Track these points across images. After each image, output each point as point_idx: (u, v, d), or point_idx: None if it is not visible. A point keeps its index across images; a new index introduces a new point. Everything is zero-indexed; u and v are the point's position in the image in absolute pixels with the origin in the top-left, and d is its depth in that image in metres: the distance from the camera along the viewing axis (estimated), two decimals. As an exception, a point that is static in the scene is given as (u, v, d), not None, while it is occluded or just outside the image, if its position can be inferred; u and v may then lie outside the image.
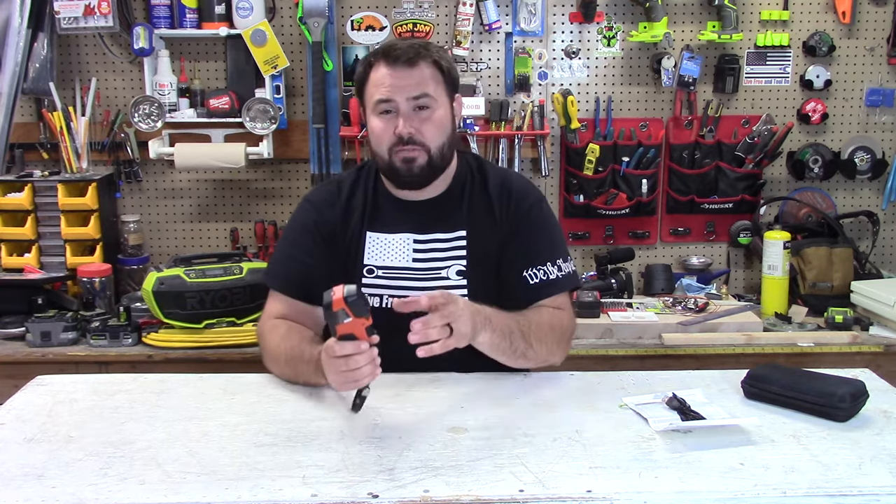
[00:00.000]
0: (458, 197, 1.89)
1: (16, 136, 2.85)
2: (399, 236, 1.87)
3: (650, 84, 2.98)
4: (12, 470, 1.33)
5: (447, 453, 1.38)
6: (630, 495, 1.25)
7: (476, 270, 1.85)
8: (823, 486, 1.27)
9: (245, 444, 1.42)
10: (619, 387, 1.69)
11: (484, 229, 1.86)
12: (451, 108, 1.84)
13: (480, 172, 1.93)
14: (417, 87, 1.76)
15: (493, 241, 1.86)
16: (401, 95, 1.76)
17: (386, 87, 1.76)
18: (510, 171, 2.36)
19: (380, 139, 1.80)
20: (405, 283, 1.84)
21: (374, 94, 1.78)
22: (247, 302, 2.52)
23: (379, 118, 1.79)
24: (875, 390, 1.61)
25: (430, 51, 1.80)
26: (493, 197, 1.89)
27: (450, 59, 1.87)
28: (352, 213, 1.89)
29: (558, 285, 1.86)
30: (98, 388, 1.69)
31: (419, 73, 1.77)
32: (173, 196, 3.03)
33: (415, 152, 1.78)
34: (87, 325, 2.48)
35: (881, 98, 3.00)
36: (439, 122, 1.80)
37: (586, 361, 2.44)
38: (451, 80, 1.84)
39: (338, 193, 1.91)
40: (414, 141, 1.77)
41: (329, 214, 1.89)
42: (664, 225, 3.07)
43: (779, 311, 2.71)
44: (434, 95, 1.79)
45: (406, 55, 1.77)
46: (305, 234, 1.89)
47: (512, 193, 1.89)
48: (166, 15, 2.80)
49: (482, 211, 1.88)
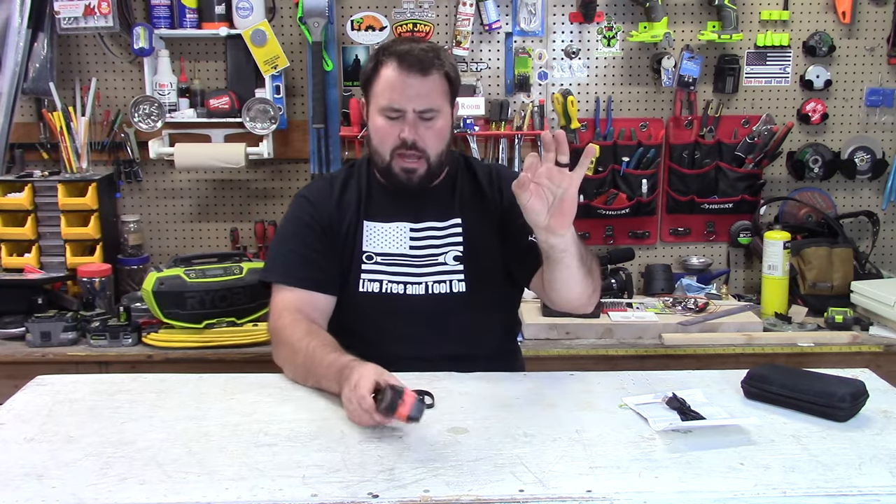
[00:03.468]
0: (449, 189, 1.93)
1: (16, 136, 2.85)
2: (395, 225, 1.89)
3: (650, 84, 2.98)
4: (12, 470, 1.32)
5: (447, 453, 1.38)
6: (630, 495, 1.25)
7: (473, 256, 1.87)
8: (823, 486, 1.27)
9: (245, 444, 1.41)
10: (619, 387, 1.69)
11: (478, 216, 1.90)
12: (451, 115, 1.88)
13: (467, 165, 1.98)
14: (426, 101, 1.79)
15: (488, 225, 1.90)
16: (410, 105, 1.78)
17: (397, 94, 1.78)
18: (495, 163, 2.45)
19: (383, 140, 1.82)
20: (403, 269, 1.86)
21: (383, 97, 1.80)
22: (247, 302, 2.52)
23: (384, 119, 1.81)
24: (875, 390, 1.61)
25: (441, 60, 1.82)
26: (484, 185, 1.93)
27: (455, 64, 1.91)
28: (347, 205, 1.91)
29: None
30: (98, 388, 1.69)
31: (430, 83, 1.79)
32: (173, 196, 3.03)
33: (415, 162, 1.81)
34: (87, 325, 2.48)
35: (881, 98, 3.00)
36: (441, 132, 1.83)
37: (586, 361, 2.44)
38: (455, 89, 1.88)
39: (330, 188, 1.93)
40: (416, 147, 1.80)
41: (325, 207, 1.90)
42: (664, 225, 3.07)
43: (779, 311, 2.71)
44: (440, 108, 1.82)
45: (421, 64, 1.78)
46: (304, 227, 1.89)
47: (501, 178, 1.93)
48: (166, 15, 2.80)
49: (474, 200, 1.92)
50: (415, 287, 1.85)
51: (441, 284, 1.86)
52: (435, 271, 1.86)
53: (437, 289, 1.85)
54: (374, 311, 1.85)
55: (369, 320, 1.86)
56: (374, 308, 1.85)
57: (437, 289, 1.85)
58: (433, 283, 1.85)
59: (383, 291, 1.84)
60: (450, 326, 1.85)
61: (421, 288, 1.85)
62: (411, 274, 1.86)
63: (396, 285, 1.85)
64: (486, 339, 1.92)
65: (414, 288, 1.85)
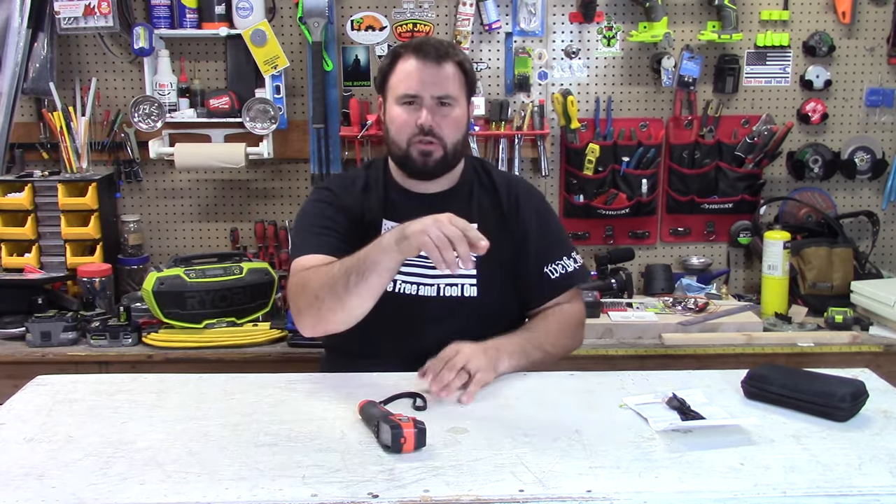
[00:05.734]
0: (466, 195, 1.96)
1: (16, 136, 2.85)
2: None
3: (650, 84, 2.98)
4: (12, 470, 1.32)
5: (447, 453, 1.38)
6: (630, 495, 1.25)
7: (486, 265, 1.88)
8: (823, 486, 1.27)
9: (245, 444, 1.42)
10: (619, 387, 1.69)
11: (494, 227, 1.90)
12: (467, 110, 1.92)
13: (486, 172, 2.01)
14: (443, 87, 1.84)
15: (504, 240, 1.92)
16: (426, 91, 1.83)
17: (414, 81, 1.83)
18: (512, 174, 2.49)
19: (401, 128, 1.85)
20: (417, 271, 1.88)
21: (401, 86, 1.85)
22: (247, 302, 2.53)
23: (402, 108, 1.85)
24: (875, 390, 1.61)
25: (456, 51, 1.89)
26: (502, 196, 1.97)
27: (470, 61, 1.95)
28: (369, 201, 1.93)
29: (577, 277, 1.97)
30: (98, 388, 1.69)
31: (446, 71, 1.85)
32: (173, 196, 3.03)
33: (432, 146, 1.84)
34: (87, 325, 2.48)
35: (881, 98, 3.00)
36: (457, 121, 1.87)
37: (586, 361, 2.44)
38: (470, 83, 1.91)
39: (353, 185, 1.96)
40: (433, 133, 1.83)
41: (349, 200, 1.93)
42: (664, 225, 3.06)
43: (779, 311, 2.71)
44: (455, 96, 1.86)
45: (437, 52, 1.84)
46: (330, 208, 1.90)
47: (520, 195, 1.98)
48: (166, 15, 2.80)
49: (491, 209, 1.96)
50: (427, 289, 1.88)
51: (453, 287, 1.88)
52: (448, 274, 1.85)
53: (449, 291, 1.88)
54: (386, 310, 1.85)
55: (380, 318, 1.86)
56: (385, 306, 1.84)
57: (448, 291, 1.88)
58: (445, 286, 1.88)
59: (396, 291, 1.86)
60: (459, 329, 1.85)
61: (433, 290, 1.88)
62: (425, 275, 1.88)
63: (410, 286, 1.87)
64: None
65: (426, 289, 1.88)
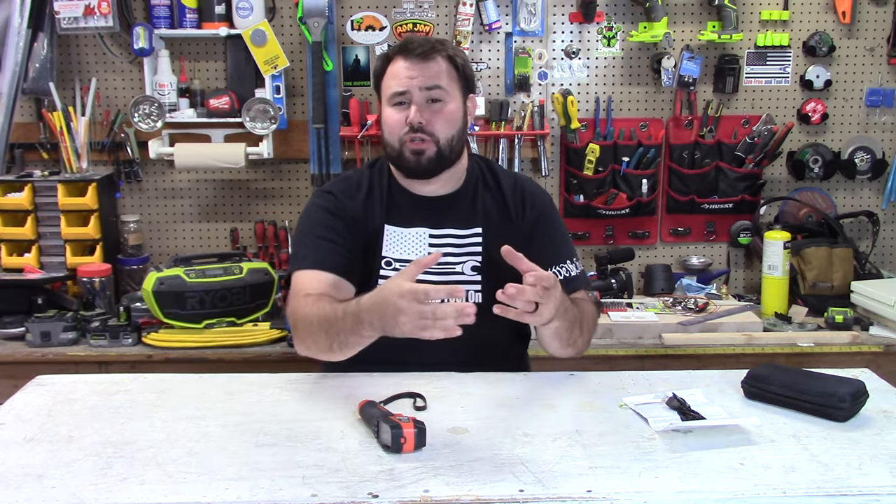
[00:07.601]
0: (471, 196, 1.94)
1: (16, 136, 2.85)
2: (414, 230, 1.89)
3: (650, 84, 2.98)
4: (12, 470, 1.33)
5: (447, 453, 1.38)
6: (630, 495, 1.25)
7: (491, 267, 1.86)
8: (823, 486, 1.27)
9: (245, 444, 1.42)
10: (619, 387, 1.69)
11: (500, 228, 1.89)
12: (463, 105, 1.89)
13: (491, 173, 1.98)
14: (430, 79, 1.82)
15: (510, 240, 1.86)
16: (414, 85, 1.81)
17: (402, 78, 1.82)
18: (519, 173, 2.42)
19: (392, 129, 1.84)
20: (420, 277, 1.84)
21: (390, 87, 1.84)
22: (247, 302, 2.53)
23: (393, 109, 1.84)
24: (875, 390, 1.61)
25: (445, 46, 1.87)
26: (508, 197, 1.94)
27: (465, 57, 1.93)
28: (371, 206, 1.91)
29: (580, 281, 1.93)
30: (98, 388, 1.69)
31: (433, 66, 1.83)
32: (173, 196, 3.03)
33: (423, 144, 1.82)
34: (87, 325, 2.48)
35: (881, 98, 3.00)
36: (450, 116, 1.84)
37: (586, 361, 2.42)
38: (465, 77, 1.89)
39: (356, 189, 1.93)
40: (423, 130, 1.81)
41: (350, 205, 1.90)
42: (664, 225, 3.06)
43: (779, 311, 2.71)
44: (447, 89, 1.84)
45: (421, 48, 1.83)
46: (331, 217, 1.88)
47: (525, 194, 1.96)
48: (166, 15, 2.80)
49: (497, 210, 1.93)
50: None
51: None
52: (451, 280, 1.84)
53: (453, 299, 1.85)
54: None
55: None
56: None
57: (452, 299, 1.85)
58: None
59: None
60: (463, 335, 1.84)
61: None
62: (428, 282, 1.81)
63: None
64: (498, 347, 1.91)
65: None
